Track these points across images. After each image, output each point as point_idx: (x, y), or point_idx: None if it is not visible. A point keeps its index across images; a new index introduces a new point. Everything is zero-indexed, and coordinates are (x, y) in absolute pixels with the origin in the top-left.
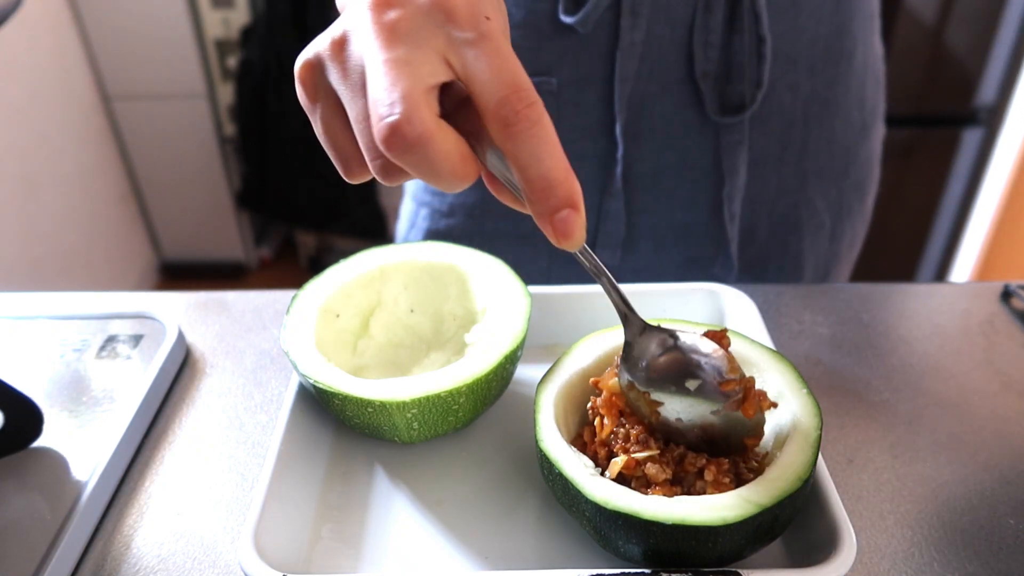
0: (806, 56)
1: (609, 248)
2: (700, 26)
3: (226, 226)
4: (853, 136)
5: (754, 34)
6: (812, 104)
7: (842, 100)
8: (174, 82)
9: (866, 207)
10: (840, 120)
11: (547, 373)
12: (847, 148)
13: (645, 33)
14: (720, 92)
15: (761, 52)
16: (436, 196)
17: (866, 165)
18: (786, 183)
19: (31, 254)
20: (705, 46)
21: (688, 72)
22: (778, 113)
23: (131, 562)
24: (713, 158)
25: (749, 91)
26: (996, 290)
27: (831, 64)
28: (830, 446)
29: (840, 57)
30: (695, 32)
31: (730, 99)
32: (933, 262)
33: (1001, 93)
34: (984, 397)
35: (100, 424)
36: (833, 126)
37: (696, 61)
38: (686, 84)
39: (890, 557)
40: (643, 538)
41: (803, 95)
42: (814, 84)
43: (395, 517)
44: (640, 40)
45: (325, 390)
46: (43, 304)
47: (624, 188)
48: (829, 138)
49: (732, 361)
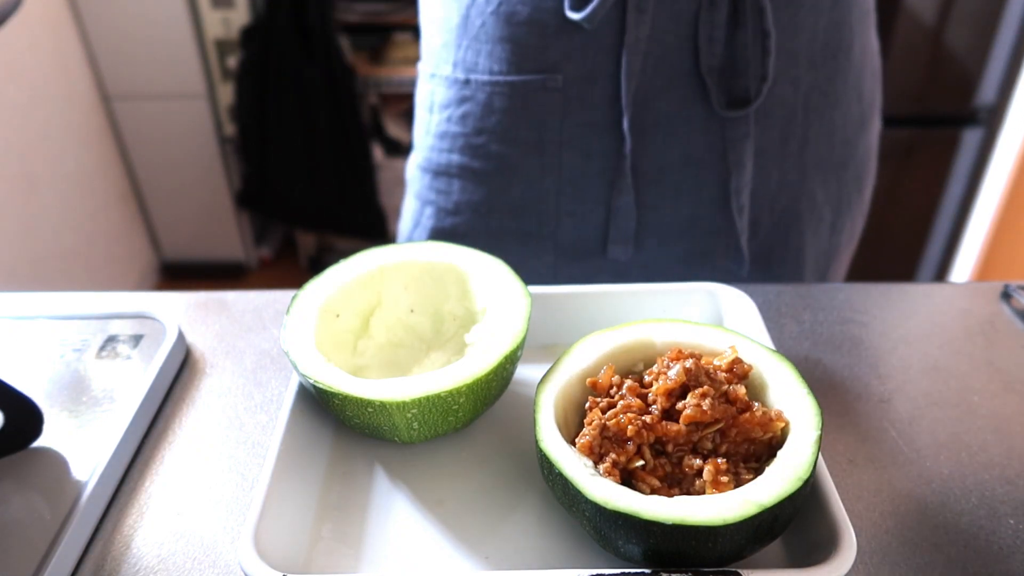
0: (806, 50)
1: (621, 244)
2: (705, 21)
3: (226, 226)
4: (852, 128)
5: (758, 28)
6: (812, 97)
7: (841, 93)
8: (174, 82)
9: (864, 200)
10: (840, 112)
11: (547, 373)
12: (846, 140)
13: (650, 28)
14: (725, 86)
15: (765, 46)
16: (441, 195)
17: (865, 158)
18: (787, 176)
19: (31, 254)
20: (710, 41)
21: (694, 67)
22: (779, 107)
23: (131, 562)
24: (719, 152)
25: (754, 85)
26: (996, 290)
27: (830, 57)
28: (830, 446)
29: (839, 50)
30: (700, 27)
31: (735, 93)
32: (933, 262)
33: (1001, 93)
34: (984, 397)
35: (100, 424)
36: (833, 118)
37: (701, 56)
38: (692, 79)
39: (890, 557)
40: (643, 538)
41: (804, 88)
42: (814, 77)
43: (395, 517)
44: (646, 36)
45: (325, 390)
46: (43, 304)
47: (632, 183)
48: (829, 130)
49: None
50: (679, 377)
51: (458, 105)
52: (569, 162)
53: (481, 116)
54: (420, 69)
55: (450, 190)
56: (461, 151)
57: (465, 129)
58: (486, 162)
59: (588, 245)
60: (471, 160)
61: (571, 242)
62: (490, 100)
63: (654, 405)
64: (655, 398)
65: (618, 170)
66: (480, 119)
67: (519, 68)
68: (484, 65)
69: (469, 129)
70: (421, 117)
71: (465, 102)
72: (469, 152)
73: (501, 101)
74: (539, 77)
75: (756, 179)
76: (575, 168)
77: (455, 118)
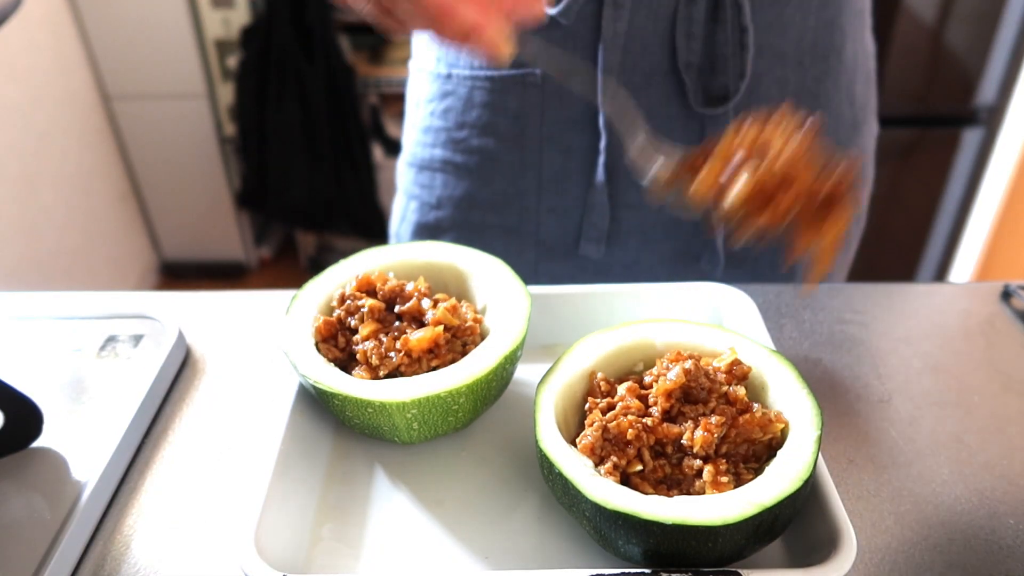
0: (794, 50)
1: (593, 241)
2: (683, 17)
3: (226, 226)
4: (844, 132)
5: (736, 24)
6: (800, 99)
7: (832, 95)
8: (174, 82)
9: (860, 208)
10: (830, 115)
11: (547, 373)
12: (837, 144)
13: (628, 24)
14: (704, 83)
15: (744, 42)
16: (425, 189)
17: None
18: None
19: (31, 254)
20: (688, 37)
21: (671, 63)
22: (765, 107)
23: (131, 562)
24: None
25: (733, 82)
26: (996, 290)
27: (820, 59)
28: (830, 446)
29: (829, 51)
30: (678, 23)
31: (714, 90)
32: (933, 262)
33: (1001, 93)
34: (984, 397)
35: (100, 424)
36: (823, 121)
37: (679, 52)
38: (670, 76)
39: (890, 557)
40: (643, 538)
41: (791, 89)
42: (802, 78)
43: (395, 517)
44: (623, 31)
45: (325, 390)
46: (43, 304)
47: (608, 181)
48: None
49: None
50: (678, 379)
51: (441, 99)
52: (549, 158)
53: (463, 110)
54: (410, 66)
55: (433, 184)
56: (444, 145)
57: (447, 123)
58: (467, 156)
59: (568, 243)
60: (453, 154)
61: (552, 239)
62: (471, 94)
63: (654, 407)
64: (655, 399)
65: (594, 166)
66: (461, 113)
67: None
68: (465, 59)
69: (451, 123)
70: (409, 113)
71: (447, 96)
72: (451, 146)
73: (481, 95)
74: (518, 72)
75: None
76: (555, 164)
77: (438, 112)
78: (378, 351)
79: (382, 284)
